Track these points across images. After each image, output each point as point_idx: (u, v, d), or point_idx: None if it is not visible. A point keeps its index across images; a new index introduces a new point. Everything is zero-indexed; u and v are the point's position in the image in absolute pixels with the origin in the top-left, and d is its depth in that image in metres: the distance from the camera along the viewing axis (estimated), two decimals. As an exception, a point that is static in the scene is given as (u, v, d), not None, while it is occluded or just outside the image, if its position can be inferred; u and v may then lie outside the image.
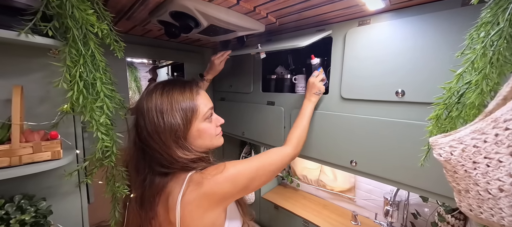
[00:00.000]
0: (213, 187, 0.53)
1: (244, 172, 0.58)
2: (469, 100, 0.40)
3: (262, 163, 0.64)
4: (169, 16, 0.79)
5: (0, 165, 0.47)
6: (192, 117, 0.58)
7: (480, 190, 0.41)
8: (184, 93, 0.59)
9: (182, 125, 0.57)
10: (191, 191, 0.52)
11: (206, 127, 0.62)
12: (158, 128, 0.55)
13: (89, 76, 0.51)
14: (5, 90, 0.53)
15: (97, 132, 0.54)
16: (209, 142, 0.63)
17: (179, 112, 0.56)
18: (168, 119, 0.55)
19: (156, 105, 0.56)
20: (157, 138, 0.55)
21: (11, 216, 0.48)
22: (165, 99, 0.57)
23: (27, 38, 0.46)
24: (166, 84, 0.60)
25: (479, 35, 0.41)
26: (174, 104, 0.57)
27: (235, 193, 0.57)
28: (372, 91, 0.82)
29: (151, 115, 0.56)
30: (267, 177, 0.64)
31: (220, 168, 0.56)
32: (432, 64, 0.68)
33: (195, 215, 0.52)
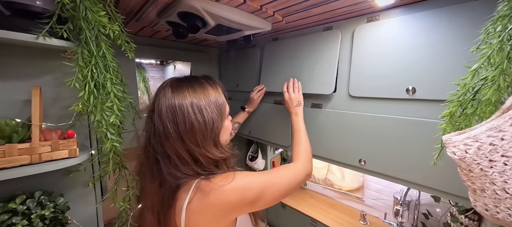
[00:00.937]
0: (220, 198, 0.49)
1: (253, 184, 0.53)
2: (485, 97, 0.38)
3: (273, 177, 0.58)
4: (177, 16, 0.80)
5: (22, 162, 0.50)
6: (224, 113, 0.57)
7: (497, 189, 0.40)
8: (214, 89, 0.57)
9: (219, 121, 0.55)
10: (197, 200, 0.49)
11: (228, 123, 0.61)
12: (196, 125, 0.51)
13: (100, 77, 0.52)
14: (23, 91, 0.55)
15: (106, 131, 0.55)
16: (227, 137, 0.62)
17: (216, 109, 0.55)
18: (207, 116, 0.52)
19: (192, 102, 0.52)
20: (191, 137, 0.51)
21: (32, 211, 0.50)
22: (201, 96, 0.54)
23: (44, 41, 0.48)
24: (193, 80, 0.57)
25: (496, 29, 0.39)
26: (210, 100, 0.54)
27: (243, 207, 0.53)
28: (381, 89, 0.80)
29: (187, 111, 0.51)
30: (279, 192, 0.58)
31: (229, 178, 0.51)
32: (445, 60, 0.66)
33: (200, 224, 0.50)
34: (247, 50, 1.33)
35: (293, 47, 1.07)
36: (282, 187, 0.59)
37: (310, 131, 1.04)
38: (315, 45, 0.99)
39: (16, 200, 0.51)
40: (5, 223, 0.48)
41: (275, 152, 1.76)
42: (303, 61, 1.04)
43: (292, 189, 0.62)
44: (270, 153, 1.71)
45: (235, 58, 1.43)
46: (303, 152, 0.77)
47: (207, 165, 0.53)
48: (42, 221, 0.50)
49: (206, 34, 0.98)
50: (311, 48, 1.01)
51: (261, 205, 0.54)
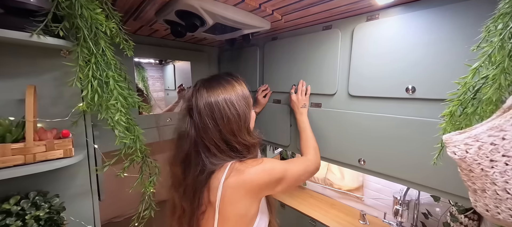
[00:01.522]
0: (253, 176, 0.57)
1: (277, 167, 0.62)
2: (486, 96, 0.38)
3: (291, 164, 0.68)
4: (175, 15, 0.79)
5: (15, 162, 0.49)
6: (251, 105, 0.66)
7: (497, 189, 0.39)
8: (241, 85, 0.66)
9: (248, 112, 0.64)
10: (232, 177, 0.56)
11: (253, 115, 0.70)
12: (231, 117, 0.59)
13: (102, 75, 0.52)
14: (18, 90, 0.55)
15: (114, 129, 0.55)
16: (253, 127, 0.69)
17: (244, 102, 0.63)
18: (240, 108, 0.61)
19: (225, 98, 0.60)
20: (228, 128, 0.59)
21: (26, 212, 0.49)
22: (230, 91, 0.62)
23: (39, 39, 0.47)
24: (221, 79, 0.66)
25: (497, 27, 0.39)
26: (238, 94, 0.63)
27: (270, 186, 0.61)
28: (381, 88, 0.80)
29: (222, 106, 0.59)
30: (294, 179, 0.67)
31: (259, 161, 0.60)
32: (445, 59, 0.66)
33: (233, 199, 0.56)
34: (246, 50, 1.32)
35: (293, 46, 1.07)
36: (298, 173, 0.69)
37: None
38: (315, 44, 0.98)
39: (10, 201, 0.50)
40: (-1, 224, 0.48)
41: (274, 151, 1.76)
42: (304, 60, 1.03)
43: (305, 176, 0.74)
44: (270, 153, 1.71)
45: (234, 58, 1.43)
46: (311, 148, 0.86)
47: (242, 150, 0.62)
48: (37, 222, 0.50)
49: (204, 33, 0.97)
50: (311, 47, 1.00)
51: (283, 186, 0.63)
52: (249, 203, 0.59)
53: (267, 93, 1.18)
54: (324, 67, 0.96)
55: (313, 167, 0.78)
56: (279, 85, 1.17)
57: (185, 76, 1.63)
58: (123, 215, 1.55)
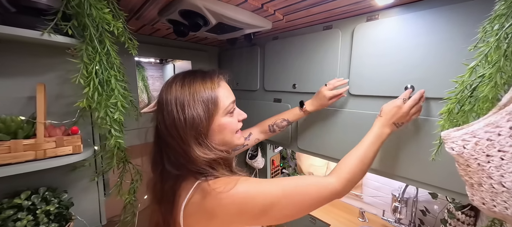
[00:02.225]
0: (215, 207, 0.45)
1: (257, 195, 0.46)
2: (483, 94, 0.39)
3: (290, 188, 0.49)
4: (178, 15, 0.80)
5: (27, 158, 0.50)
6: (214, 110, 0.52)
7: (493, 183, 0.41)
8: (205, 84, 0.53)
9: (204, 119, 0.51)
10: (194, 202, 0.47)
11: (228, 121, 0.56)
12: (177, 122, 0.49)
13: (104, 73, 0.52)
14: (27, 88, 0.56)
15: (111, 128, 0.56)
16: (229, 138, 0.57)
17: (201, 106, 0.51)
18: (189, 113, 0.49)
19: (176, 97, 0.51)
20: (176, 133, 0.50)
21: (37, 207, 0.50)
22: (185, 91, 0.51)
23: (49, 38, 0.48)
24: (186, 75, 0.55)
25: (493, 28, 0.40)
26: (196, 96, 0.51)
27: (243, 220, 0.46)
28: (380, 87, 0.82)
29: (171, 107, 0.50)
30: (295, 209, 0.49)
31: (230, 184, 0.46)
32: (442, 58, 0.67)
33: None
34: (247, 49, 1.33)
35: (294, 46, 1.08)
36: (299, 202, 0.49)
37: (309, 129, 1.06)
38: (315, 44, 1.00)
39: (21, 196, 0.51)
40: (10, 218, 0.49)
41: (274, 150, 1.77)
42: (304, 60, 1.05)
43: (314, 205, 0.51)
44: (270, 151, 1.72)
45: (234, 57, 1.44)
46: (345, 168, 0.58)
47: (199, 164, 0.49)
48: (47, 217, 0.51)
49: (206, 32, 0.98)
50: (311, 47, 1.02)
51: (267, 221, 0.48)
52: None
53: (337, 95, 0.86)
54: (324, 67, 0.98)
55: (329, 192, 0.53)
56: (279, 85, 1.18)
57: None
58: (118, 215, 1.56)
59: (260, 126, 0.98)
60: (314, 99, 0.90)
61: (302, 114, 0.93)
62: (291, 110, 0.96)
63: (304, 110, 0.91)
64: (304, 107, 0.91)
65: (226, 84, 0.60)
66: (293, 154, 1.88)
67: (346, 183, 0.55)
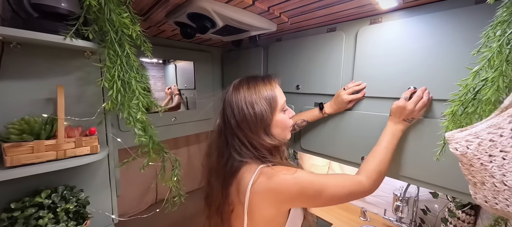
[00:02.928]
0: (281, 185, 0.55)
1: (313, 182, 0.57)
2: (485, 97, 0.41)
3: (332, 181, 0.60)
4: (186, 17, 0.82)
5: (48, 158, 0.52)
6: (275, 106, 0.63)
7: (495, 182, 0.43)
8: (266, 85, 0.64)
9: (270, 113, 0.62)
10: (260, 182, 0.56)
11: (283, 117, 0.66)
12: (248, 117, 0.60)
13: (125, 76, 0.55)
14: (45, 90, 0.57)
15: (134, 127, 0.58)
16: (283, 132, 0.66)
17: (266, 103, 0.62)
18: (257, 109, 0.61)
19: (245, 97, 0.62)
20: (246, 126, 0.60)
21: (57, 205, 0.52)
22: (252, 92, 0.63)
23: (71, 42, 0.50)
24: (250, 79, 0.67)
25: (495, 33, 0.42)
26: (261, 95, 0.62)
27: (301, 200, 0.58)
28: (383, 88, 0.83)
29: (241, 105, 0.61)
30: (334, 198, 0.60)
31: (292, 170, 0.57)
32: (444, 61, 0.69)
33: (260, 205, 0.56)
34: (250, 50, 1.35)
35: (297, 48, 1.10)
36: (339, 194, 0.60)
37: (312, 129, 1.07)
38: (319, 46, 1.02)
39: (41, 194, 0.52)
40: (32, 217, 0.50)
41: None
42: (308, 61, 1.06)
43: (348, 198, 0.62)
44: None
45: (238, 58, 1.45)
46: (371, 168, 0.68)
47: (262, 150, 0.61)
48: (66, 215, 0.52)
49: (212, 34, 1.00)
50: (315, 49, 1.03)
51: (317, 204, 0.59)
52: (277, 212, 0.58)
53: (355, 98, 0.90)
54: (328, 68, 1.00)
55: (361, 191, 0.64)
56: (283, 86, 1.19)
57: (187, 76, 1.65)
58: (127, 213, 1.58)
59: None
60: (333, 102, 0.95)
61: (321, 115, 0.99)
62: (310, 111, 1.01)
63: (324, 112, 0.97)
64: (324, 110, 0.97)
65: (279, 87, 0.70)
66: (295, 153, 1.89)
67: (373, 182, 0.66)
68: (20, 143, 0.50)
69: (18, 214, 0.50)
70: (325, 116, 0.98)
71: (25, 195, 0.54)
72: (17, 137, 0.50)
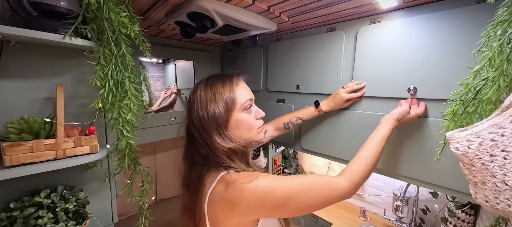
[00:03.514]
0: (238, 196, 0.50)
1: (277, 190, 0.50)
2: (486, 96, 0.41)
3: (304, 185, 0.53)
4: (186, 17, 0.82)
5: (48, 157, 0.52)
6: (231, 106, 0.59)
7: (497, 181, 0.43)
8: (224, 85, 0.61)
9: (223, 113, 0.58)
10: (218, 191, 0.52)
11: (245, 117, 0.61)
12: (201, 117, 0.58)
13: (119, 75, 0.54)
14: (44, 89, 0.57)
15: (122, 129, 0.57)
16: (247, 133, 0.62)
17: (221, 103, 0.58)
18: (210, 109, 0.58)
19: (200, 97, 0.59)
20: (200, 126, 0.58)
21: (57, 205, 0.52)
22: (208, 91, 0.60)
23: (70, 41, 0.49)
24: (210, 78, 0.64)
25: (496, 33, 0.42)
26: (216, 95, 0.59)
27: (263, 211, 0.52)
28: (383, 88, 0.83)
29: (196, 106, 0.59)
30: (307, 205, 0.53)
31: (252, 176, 0.51)
32: (445, 61, 0.69)
33: (220, 215, 0.52)
34: (250, 50, 1.35)
35: (297, 47, 1.10)
36: (309, 201, 0.53)
37: (312, 129, 1.07)
38: (319, 45, 1.02)
39: (41, 194, 0.52)
40: (32, 216, 0.50)
41: (276, 150, 1.79)
42: (307, 61, 1.06)
43: (322, 205, 0.55)
44: (272, 151, 1.74)
45: (237, 58, 1.45)
46: (353, 168, 0.62)
47: (219, 155, 0.56)
48: (66, 214, 0.52)
49: (212, 34, 1.00)
50: (315, 48, 1.03)
51: (285, 213, 0.54)
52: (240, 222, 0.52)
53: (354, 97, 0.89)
54: (327, 68, 1.00)
55: (339, 193, 0.56)
56: (283, 85, 1.20)
57: (187, 76, 1.65)
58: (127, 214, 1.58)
59: (275, 123, 1.02)
60: (330, 100, 0.93)
61: (317, 113, 0.96)
62: (306, 109, 0.99)
63: (319, 110, 0.95)
64: (319, 107, 0.95)
65: (245, 84, 0.66)
66: (295, 153, 1.89)
67: (356, 185, 0.59)
68: (19, 142, 0.50)
69: (17, 213, 0.50)
70: (321, 113, 0.96)
71: (25, 195, 0.54)
72: (16, 136, 0.50)
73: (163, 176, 1.59)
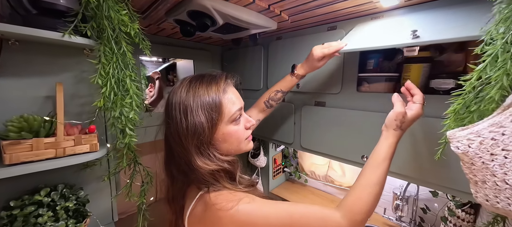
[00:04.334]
0: (214, 223, 0.43)
1: (260, 219, 0.43)
2: (489, 95, 0.41)
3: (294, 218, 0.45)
4: (186, 15, 0.81)
5: (48, 156, 0.52)
6: (217, 118, 0.49)
7: (497, 180, 0.43)
8: (209, 90, 0.50)
9: (207, 128, 0.48)
10: (196, 214, 0.46)
11: (233, 130, 0.52)
12: (179, 128, 0.48)
13: (120, 74, 0.54)
14: (44, 87, 0.57)
15: (125, 127, 0.57)
16: (236, 146, 0.54)
17: (204, 113, 0.48)
18: (191, 120, 0.47)
19: (180, 102, 0.48)
20: (178, 139, 0.48)
21: (57, 203, 0.52)
22: (190, 97, 0.49)
23: (70, 39, 0.49)
24: (193, 79, 0.53)
25: (498, 31, 0.42)
26: (199, 103, 0.48)
27: None
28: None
29: (174, 113, 0.49)
30: None
31: (233, 202, 0.43)
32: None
33: None
34: (250, 49, 1.34)
35: (298, 46, 1.10)
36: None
37: (313, 128, 1.07)
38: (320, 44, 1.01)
39: (41, 193, 0.52)
40: (32, 215, 0.50)
41: (276, 149, 1.79)
42: (308, 60, 1.06)
43: None
44: (272, 150, 1.74)
45: (238, 57, 1.45)
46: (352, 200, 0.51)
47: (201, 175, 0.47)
48: (66, 213, 0.52)
49: (212, 32, 0.99)
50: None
51: None
52: None
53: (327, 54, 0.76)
54: (329, 67, 0.99)
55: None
56: (284, 84, 1.19)
57: (186, 75, 1.64)
58: (128, 212, 1.58)
59: (257, 106, 0.95)
60: (305, 61, 0.84)
61: (295, 79, 0.87)
62: (283, 79, 0.91)
63: (296, 75, 0.86)
64: (295, 72, 0.86)
65: (234, 89, 0.57)
66: (295, 152, 1.89)
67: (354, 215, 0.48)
68: (19, 141, 0.50)
69: (17, 212, 0.50)
70: (299, 78, 0.86)
71: (25, 193, 0.54)
72: (16, 135, 0.50)
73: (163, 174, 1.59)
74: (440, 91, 0.72)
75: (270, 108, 0.95)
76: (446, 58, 0.71)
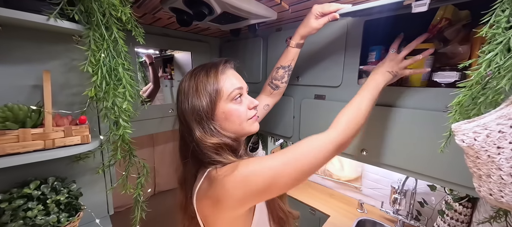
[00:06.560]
0: (220, 190, 0.47)
1: (259, 172, 0.47)
2: (499, 86, 0.39)
3: (289, 156, 0.48)
4: (182, 3, 0.78)
5: (36, 147, 0.49)
6: (216, 97, 0.54)
7: (503, 174, 0.41)
8: (209, 74, 0.56)
9: (206, 105, 0.54)
10: (202, 188, 0.51)
11: (233, 108, 0.56)
12: (184, 110, 0.55)
13: (111, 61, 0.51)
14: (32, 76, 0.54)
15: (119, 118, 0.55)
16: (238, 125, 0.57)
17: (204, 94, 0.54)
18: (192, 101, 0.54)
19: (184, 88, 0.56)
20: (183, 119, 0.56)
21: (47, 197, 0.50)
22: (192, 82, 0.56)
23: (55, 23, 0.46)
24: (197, 67, 0.60)
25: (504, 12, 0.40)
26: (199, 86, 0.55)
27: (252, 198, 0.48)
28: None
29: (180, 97, 0.57)
30: (298, 173, 0.47)
31: (232, 168, 0.48)
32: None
33: (206, 213, 0.51)
34: (249, 41, 1.31)
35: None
36: (301, 165, 0.47)
37: (312, 122, 1.06)
38: (320, 36, 0.99)
39: (30, 186, 0.50)
40: (21, 208, 0.48)
41: (275, 143, 1.78)
42: (308, 52, 1.04)
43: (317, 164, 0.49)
44: (271, 144, 1.73)
45: (237, 49, 1.42)
46: (344, 120, 0.57)
47: (204, 150, 0.52)
48: (57, 206, 0.50)
49: (210, 22, 0.96)
50: (316, 39, 1.00)
51: (276, 192, 0.49)
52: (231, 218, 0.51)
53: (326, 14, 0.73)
54: (329, 59, 0.97)
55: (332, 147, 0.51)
56: (283, 77, 1.17)
57: (185, 67, 1.61)
58: (125, 205, 1.57)
59: (263, 91, 0.94)
60: (301, 23, 0.79)
61: (292, 49, 0.83)
62: (282, 56, 0.88)
63: (292, 44, 0.82)
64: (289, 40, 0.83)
65: (234, 71, 0.62)
66: (294, 146, 1.89)
67: (345, 133, 0.54)
68: (4, 131, 0.48)
69: (5, 205, 0.48)
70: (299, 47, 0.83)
71: (13, 186, 0.52)
72: (0, 125, 0.47)
73: (161, 168, 1.57)
74: (443, 84, 0.71)
75: (277, 89, 0.92)
76: (450, 50, 0.69)
